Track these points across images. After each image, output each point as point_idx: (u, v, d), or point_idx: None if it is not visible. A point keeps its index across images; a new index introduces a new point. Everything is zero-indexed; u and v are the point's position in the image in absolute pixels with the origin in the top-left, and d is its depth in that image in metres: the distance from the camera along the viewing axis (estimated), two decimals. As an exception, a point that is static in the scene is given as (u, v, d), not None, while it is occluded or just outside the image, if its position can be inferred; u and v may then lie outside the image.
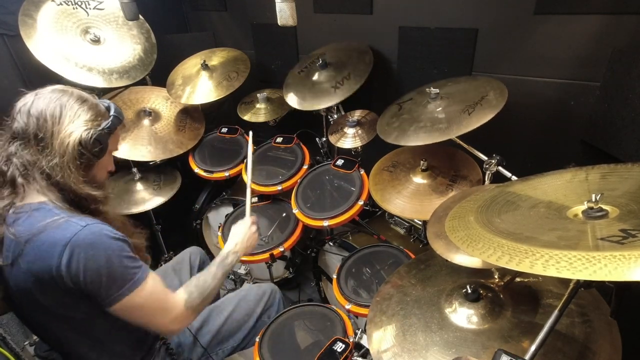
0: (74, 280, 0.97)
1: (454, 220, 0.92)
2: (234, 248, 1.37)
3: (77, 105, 1.09)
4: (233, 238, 1.42)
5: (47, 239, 0.97)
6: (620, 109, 1.34)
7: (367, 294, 1.58)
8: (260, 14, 2.34)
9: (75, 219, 1.01)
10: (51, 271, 0.96)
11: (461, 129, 1.33)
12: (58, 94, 1.09)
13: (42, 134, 1.04)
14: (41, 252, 0.97)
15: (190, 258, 1.75)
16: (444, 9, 1.69)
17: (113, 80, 2.02)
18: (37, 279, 0.98)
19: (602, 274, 0.57)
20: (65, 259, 0.95)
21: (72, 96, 1.10)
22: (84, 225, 0.99)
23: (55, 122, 1.05)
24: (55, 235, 0.97)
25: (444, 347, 1.01)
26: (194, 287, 1.21)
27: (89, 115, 1.10)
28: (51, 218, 0.99)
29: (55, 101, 1.07)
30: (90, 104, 1.12)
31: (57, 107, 1.06)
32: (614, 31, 1.35)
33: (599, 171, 0.90)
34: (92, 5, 2.06)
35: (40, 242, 0.97)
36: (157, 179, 2.19)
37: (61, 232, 0.97)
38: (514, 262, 0.67)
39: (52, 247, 0.96)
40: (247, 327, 1.50)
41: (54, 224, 0.98)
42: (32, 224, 0.99)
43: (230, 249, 1.36)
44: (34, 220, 0.99)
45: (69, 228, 0.98)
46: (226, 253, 1.34)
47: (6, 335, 1.57)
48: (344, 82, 1.82)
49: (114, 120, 1.15)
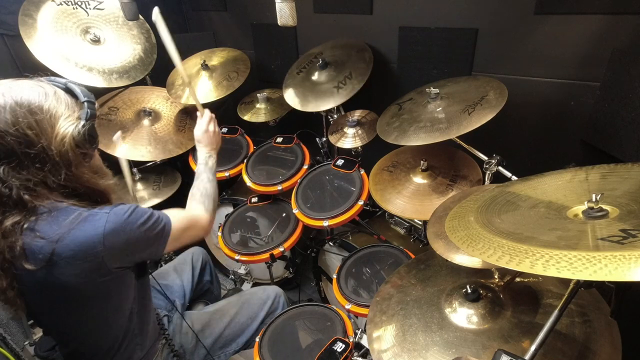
0: (123, 257, 1.04)
1: (454, 220, 0.92)
2: (208, 152, 1.53)
3: (45, 103, 0.96)
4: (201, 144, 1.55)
5: (81, 234, 0.96)
6: (620, 109, 1.34)
7: (367, 294, 1.58)
8: (260, 14, 2.34)
9: (96, 210, 1.02)
10: (97, 261, 0.98)
11: (461, 129, 1.33)
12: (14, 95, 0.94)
13: (33, 151, 0.94)
14: (81, 247, 0.96)
15: (192, 258, 1.75)
16: (444, 9, 1.69)
17: (113, 80, 2.02)
18: (81, 272, 0.98)
19: (602, 274, 0.57)
20: (109, 246, 0.98)
21: (31, 93, 0.96)
22: (108, 212, 1.01)
23: (38, 134, 0.94)
24: (87, 227, 0.97)
25: (444, 347, 1.01)
26: (200, 197, 1.37)
27: (62, 110, 0.99)
28: (74, 214, 0.99)
29: (20, 108, 0.93)
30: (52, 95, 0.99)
31: (28, 115, 0.93)
32: (614, 31, 1.35)
33: (599, 171, 0.90)
34: (92, 5, 2.06)
35: (74, 237, 0.96)
36: (157, 180, 2.19)
37: (92, 224, 0.98)
38: (514, 262, 0.67)
39: (89, 239, 0.96)
40: (250, 330, 1.49)
41: (79, 219, 0.98)
42: (59, 223, 0.97)
43: (205, 155, 1.52)
44: (57, 220, 0.98)
45: (97, 218, 0.99)
46: (205, 159, 1.50)
47: (6, 335, 1.57)
48: (346, 82, 1.82)
49: (91, 106, 1.04)
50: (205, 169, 1.47)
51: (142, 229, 1.06)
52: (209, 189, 1.41)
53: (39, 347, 1.38)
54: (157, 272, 1.67)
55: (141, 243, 1.08)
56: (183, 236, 1.23)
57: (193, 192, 1.40)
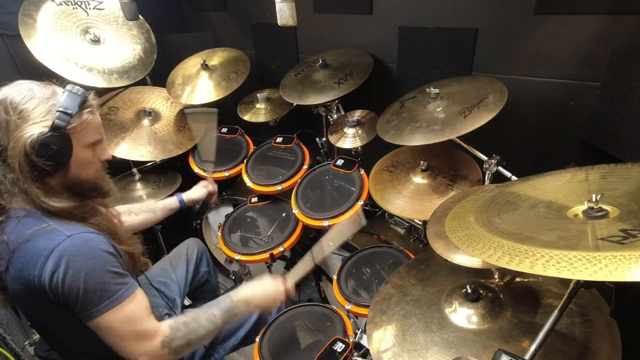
0: (54, 291, 0.95)
1: (454, 221, 0.92)
2: (250, 297, 1.19)
3: (23, 106, 0.95)
4: (254, 288, 1.23)
5: (32, 248, 0.95)
6: (620, 109, 1.34)
7: (367, 294, 1.58)
8: (260, 14, 2.34)
9: (62, 227, 0.98)
10: (34, 280, 0.94)
11: (454, 132, 1.33)
12: (3, 95, 0.96)
13: (0, 146, 0.95)
14: (27, 261, 0.95)
15: (187, 251, 1.74)
16: (444, 9, 1.69)
17: (113, 80, 2.02)
18: (25, 286, 0.97)
19: (602, 274, 0.57)
20: (48, 269, 0.93)
21: (18, 93, 0.96)
22: (68, 235, 0.96)
23: (4, 132, 0.94)
24: (40, 244, 0.95)
25: (444, 347, 1.01)
26: (181, 325, 1.09)
27: (36, 115, 0.95)
28: (39, 226, 0.96)
29: (1, 104, 0.95)
30: (40, 100, 0.97)
31: (2, 113, 0.94)
32: (614, 31, 1.35)
33: (599, 171, 0.90)
34: (92, 5, 2.06)
35: (26, 250, 0.95)
36: (157, 180, 2.19)
37: (45, 242, 0.95)
38: (514, 262, 0.67)
39: (36, 256, 0.94)
40: (248, 324, 1.49)
41: (40, 232, 0.96)
42: (21, 231, 0.96)
43: (244, 296, 1.18)
44: (22, 227, 0.97)
45: (53, 238, 0.95)
46: (238, 300, 1.17)
47: (6, 335, 1.57)
48: (347, 79, 1.82)
49: (60, 116, 0.96)
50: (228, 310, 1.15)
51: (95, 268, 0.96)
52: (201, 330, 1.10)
53: (39, 347, 1.38)
54: (153, 270, 1.65)
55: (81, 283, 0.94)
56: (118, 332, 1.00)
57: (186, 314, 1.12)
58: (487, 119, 1.29)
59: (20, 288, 0.98)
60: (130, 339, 1.02)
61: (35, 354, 1.43)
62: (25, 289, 0.97)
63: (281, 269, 2.25)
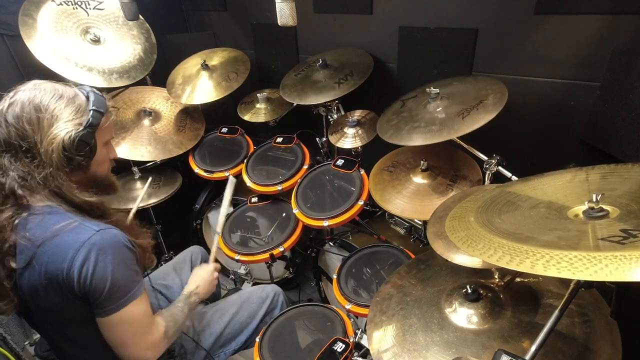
0: (82, 283, 0.97)
1: (454, 221, 0.92)
2: (195, 290, 1.38)
3: (53, 105, 1.01)
4: (195, 280, 1.43)
5: (61, 242, 0.97)
6: (620, 109, 1.34)
7: (367, 294, 1.58)
8: (260, 14, 2.34)
9: (88, 223, 1.01)
10: (62, 274, 0.96)
11: (452, 132, 1.33)
12: (31, 93, 1.01)
13: (27, 144, 0.99)
14: (55, 255, 0.97)
15: (191, 258, 1.76)
16: (444, 9, 1.69)
17: (113, 80, 2.02)
18: (49, 281, 0.98)
19: (603, 274, 0.57)
20: (78, 262, 0.96)
21: (46, 94, 1.02)
22: (97, 230, 0.99)
23: (35, 129, 0.99)
24: (68, 238, 0.97)
25: (444, 347, 1.01)
26: (168, 316, 1.22)
27: (67, 113, 1.02)
28: (65, 221, 0.99)
29: (29, 104, 0.99)
30: (68, 99, 1.04)
31: (33, 111, 0.99)
32: (614, 31, 1.35)
33: (599, 171, 0.90)
34: (92, 5, 2.06)
35: (55, 244, 0.97)
36: (158, 180, 2.19)
37: (74, 236, 0.98)
38: (514, 262, 0.67)
39: (65, 250, 0.96)
40: (249, 329, 1.50)
41: (67, 227, 0.98)
42: (46, 227, 0.99)
43: (191, 290, 1.38)
44: (47, 223, 0.99)
45: (82, 232, 0.98)
46: (188, 292, 1.37)
47: (6, 335, 1.57)
48: (347, 79, 1.82)
49: (94, 115, 1.06)
50: (186, 301, 1.33)
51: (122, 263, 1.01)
52: (179, 316, 1.26)
53: (39, 347, 1.38)
54: (156, 273, 1.67)
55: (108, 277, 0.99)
56: (131, 326, 1.07)
57: (164, 310, 1.27)
58: (485, 121, 1.29)
59: (43, 283, 0.99)
60: (141, 333, 1.10)
61: (35, 354, 1.43)
62: (49, 284, 0.98)
63: (281, 269, 2.25)
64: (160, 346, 1.16)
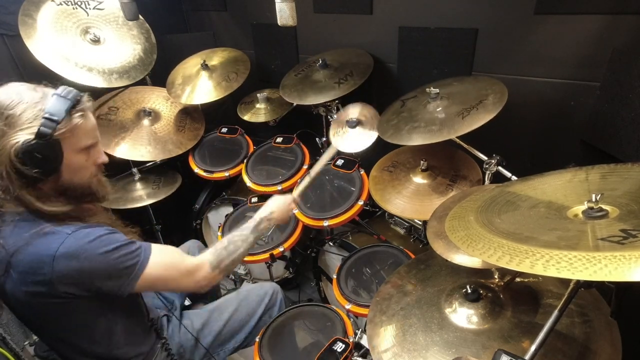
0: (79, 285, 0.96)
1: (454, 220, 0.92)
2: (269, 215, 1.35)
3: (9, 111, 0.92)
4: (270, 206, 1.38)
5: (35, 250, 0.94)
6: (620, 109, 1.34)
7: (367, 294, 1.58)
8: (260, 14, 2.34)
9: (60, 227, 0.97)
10: (44, 283, 0.94)
11: (452, 132, 1.33)
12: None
13: None
14: (31, 263, 0.94)
15: (188, 252, 1.75)
16: (444, 9, 1.69)
17: (113, 80, 2.02)
18: (32, 287, 0.96)
19: (602, 274, 0.57)
20: (58, 269, 0.93)
21: (6, 97, 0.93)
22: (69, 233, 0.96)
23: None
24: (41, 245, 0.94)
25: (444, 347, 1.01)
26: (223, 250, 1.20)
27: (22, 121, 0.92)
28: (37, 227, 0.96)
29: None
30: (28, 104, 0.93)
31: None
32: (614, 31, 1.35)
33: (599, 171, 0.90)
34: (92, 5, 2.06)
35: (28, 254, 0.94)
36: (157, 180, 2.19)
37: (47, 243, 0.94)
38: (514, 262, 0.67)
39: (40, 257, 0.94)
40: (248, 327, 1.49)
41: (39, 234, 0.95)
42: (19, 234, 0.96)
43: (264, 215, 1.34)
44: (20, 230, 0.96)
45: (55, 238, 0.95)
46: (260, 219, 1.32)
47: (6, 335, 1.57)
48: (347, 79, 1.82)
49: (45, 123, 0.92)
50: (255, 229, 1.29)
51: (107, 257, 0.98)
52: (239, 245, 1.23)
53: (39, 347, 1.38)
54: None
55: (100, 272, 0.98)
56: (165, 279, 1.09)
57: (222, 241, 1.23)
58: (485, 121, 1.29)
59: (24, 290, 0.97)
60: (181, 278, 1.12)
61: (35, 354, 1.43)
62: (32, 291, 0.97)
63: (281, 269, 2.25)
64: (212, 278, 1.17)
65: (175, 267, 1.12)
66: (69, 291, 0.97)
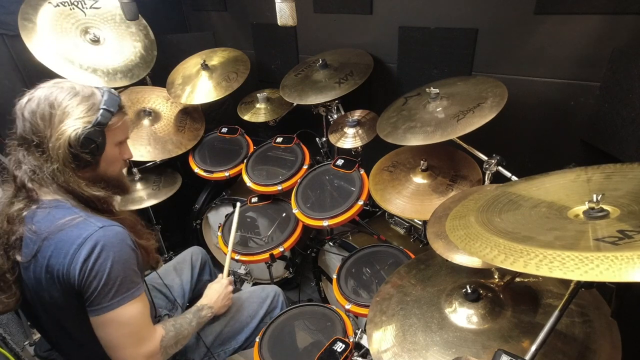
0: (80, 278, 0.98)
1: (455, 220, 0.92)
2: (209, 303, 1.38)
3: (67, 102, 1.04)
4: (210, 295, 1.42)
5: (64, 237, 0.99)
6: (620, 109, 1.34)
7: (367, 294, 1.58)
8: (260, 14, 2.34)
9: (92, 219, 1.03)
10: (63, 269, 0.98)
11: (444, 135, 1.33)
12: (49, 90, 1.05)
13: (38, 139, 1.03)
14: (58, 250, 0.99)
15: (191, 258, 1.76)
16: (444, 9, 1.69)
17: (117, 80, 2.03)
18: (50, 274, 1.00)
19: (593, 275, 0.58)
20: (81, 256, 0.97)
21: (62, 91, 1.05)
22: (100, 226, 1.01)
23: (47, 125, 1.03)
24: (72, 233, 0.99)
25: (444, 347, 1.01)
26: (171, 327, 1.20)
27: (79, 111, 1.05)
28: (70, 216, 1.01)
29: (44, 101, 1.03)
30: (82, 97, 1.06)
31: (47, 107, 1.03)
32: (614, 31, 1.35)
33: (602, 171, 0.90)
34: (88, 5, 2.06)
35: (58, 239, 0.99)
36: (157, 180, 2.19)
37: (78, 231, 0.99)
38: (508, 261, 0.68)
39: (68, 245, 0.98)
40: (249, 328, 1.50)
41: (72, 222, 1.00)
42: (51, 221, 1.01)
43: (205, 303, 1.38)
44: (52, 217, 1.02)
45: (86, 227, 1.00)
46: (202, 306, 1.36)
47: (6, 335, 1.58)
48: (347, 78, 1.82)
49: (103, 114, 1.07)
50: (196, 314, 1.32)
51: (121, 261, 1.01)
52: (184, 328, 1.24)
53: (39, 347, 1.38)
54: (156, 273, 1.66)
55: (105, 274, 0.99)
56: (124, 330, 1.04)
57: (169, 320, 1.25)
58: (479, 125, 1.29)
59: (45, 277, 1.01)
60: (135, 339, 1.07)
61: (35, 354, 1.43)
62: (50, 278, 1.00)
63: (281, 269, 2.25)
64: (157, 355, 1.12)
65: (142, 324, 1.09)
66: (74, 282, 0.99)
